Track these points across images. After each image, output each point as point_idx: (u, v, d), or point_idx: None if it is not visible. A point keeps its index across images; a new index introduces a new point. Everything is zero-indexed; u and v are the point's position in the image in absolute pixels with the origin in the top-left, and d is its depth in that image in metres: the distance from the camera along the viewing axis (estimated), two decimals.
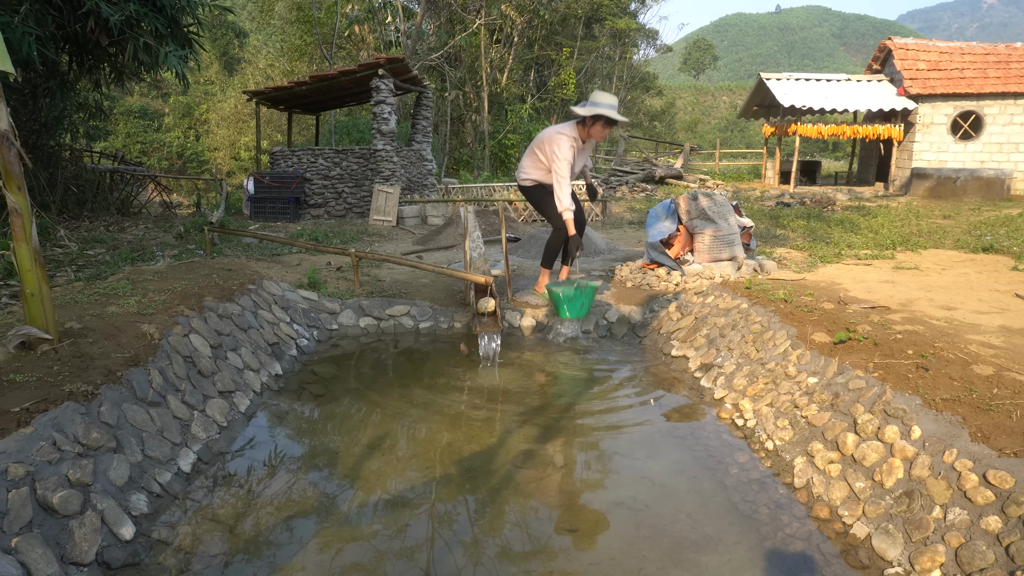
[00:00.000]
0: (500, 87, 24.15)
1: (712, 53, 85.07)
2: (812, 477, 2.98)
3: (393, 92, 11.67)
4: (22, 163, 3.00)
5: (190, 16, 8.95)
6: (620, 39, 30.14)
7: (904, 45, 18.11)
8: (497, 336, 4.71)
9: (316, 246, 6.39)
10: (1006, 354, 3.52)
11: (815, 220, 10.63)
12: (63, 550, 2.25)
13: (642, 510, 2.82)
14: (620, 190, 17.47)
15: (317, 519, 2.73)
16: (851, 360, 3.50)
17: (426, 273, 6.46)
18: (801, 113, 18.76)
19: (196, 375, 3.67)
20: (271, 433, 3.59)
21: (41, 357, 3.10)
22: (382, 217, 11.06)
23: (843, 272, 6.30)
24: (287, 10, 23.19)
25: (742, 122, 51.17)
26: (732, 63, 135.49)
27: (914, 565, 2.34)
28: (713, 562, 2.47)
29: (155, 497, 2.74)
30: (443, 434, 3.57)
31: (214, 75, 33.81)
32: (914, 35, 78.75)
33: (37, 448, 2.43)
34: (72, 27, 7.97)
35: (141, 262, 6.43)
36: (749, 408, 3.73)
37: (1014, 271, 6.35)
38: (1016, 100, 16.51)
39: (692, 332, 5.00)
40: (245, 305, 4.77)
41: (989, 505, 2.32)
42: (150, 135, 31.84)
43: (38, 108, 9.29)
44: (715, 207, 6.34)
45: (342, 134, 21.14)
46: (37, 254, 3.08)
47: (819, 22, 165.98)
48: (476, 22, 20.96)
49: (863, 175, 20.88)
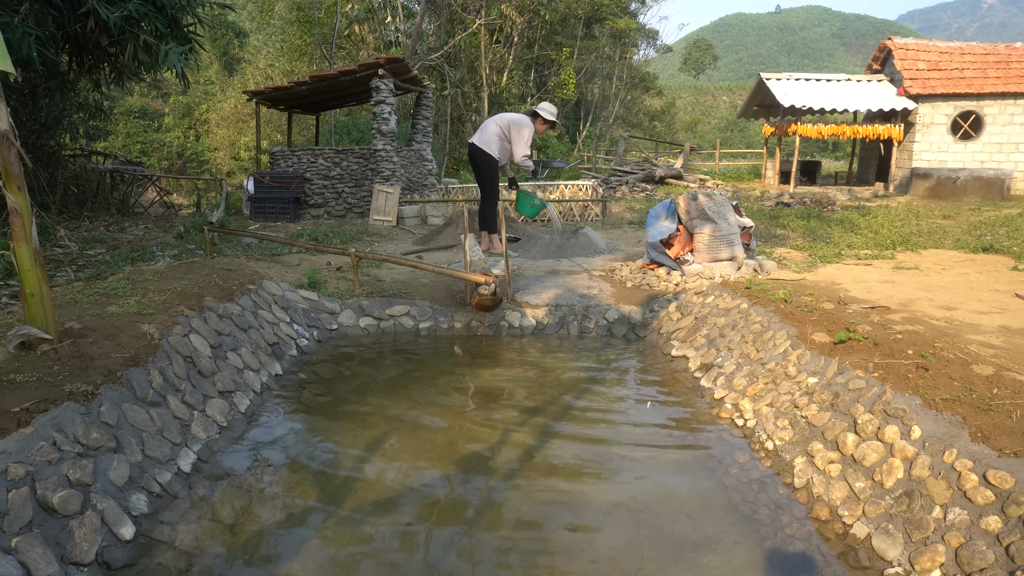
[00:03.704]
0: (500, 87, 24.14)
1: (712, 53, 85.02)
2: (812, 477, 2.98)
3: (393, 92, 11.67)
4: (22, 163, 3.00)
5: (190, 15, 8.95)
6: (620, 39, 30.13)
7: (904, 45, 18.10)
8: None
9: (316, 246, 6.39)
10: (1006, 354, 3.52)
11: (815, 220, 10.63)
12: (63, 550, 2.24)
13: (642, 510, 2.81)
14: (620, 190, 17.46)
15: (317, 519, 2.73)
16: (851, 360, 3.50)
17: (426, 273, 6.46)
18: (801, 113, 18.75)
19: (196, 375, 3.67)
20: (271, 433, 3.59)
21: (41, 357, 3.10)
22: (382, 217, 11.05)
23: (843, 272, 6.30)
24: (287, 10, 23.18)
25: (742, 122, 51.17)
26: (732, 63, 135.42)
27: (914, 565, 2.34)
28: (713, 562, 2.47)
29: (155, 497, 2.74)
30: (443, 434, 3.57)
31: (214, 75, 33.78)
32: (914, 35, 78.73)
33: (37, 448, 2.43)
34: (72, 27, 7.97)
35: (141, 262, 6.43)
36: (749, 408, 3.73)
37: (1014, 271, 6.35)
38: (1016, 100, 16.50)
39: (692, 332, 5.00)
40: (245, 305, 4.77)
41: (989, 505, 2.32)
42: (150, 135, 31.81)
43: (38, 108, 9.29)
44: (714, 206, 6.34)
45: (342, 134, 21.13)
46: (37, 254, 3.08)
47: (819, 22, 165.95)
48: (476, 22, 20.95)
49: (863, 175, 20.88)
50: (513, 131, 6.13)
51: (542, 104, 6.30)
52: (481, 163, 6.25)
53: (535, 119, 6.23)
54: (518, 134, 6.11)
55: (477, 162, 6.28)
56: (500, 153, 6.24)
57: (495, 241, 6.60)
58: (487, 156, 6.20)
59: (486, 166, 6.25)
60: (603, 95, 32.15)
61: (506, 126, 6.17)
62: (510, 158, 6.32)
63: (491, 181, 6.33)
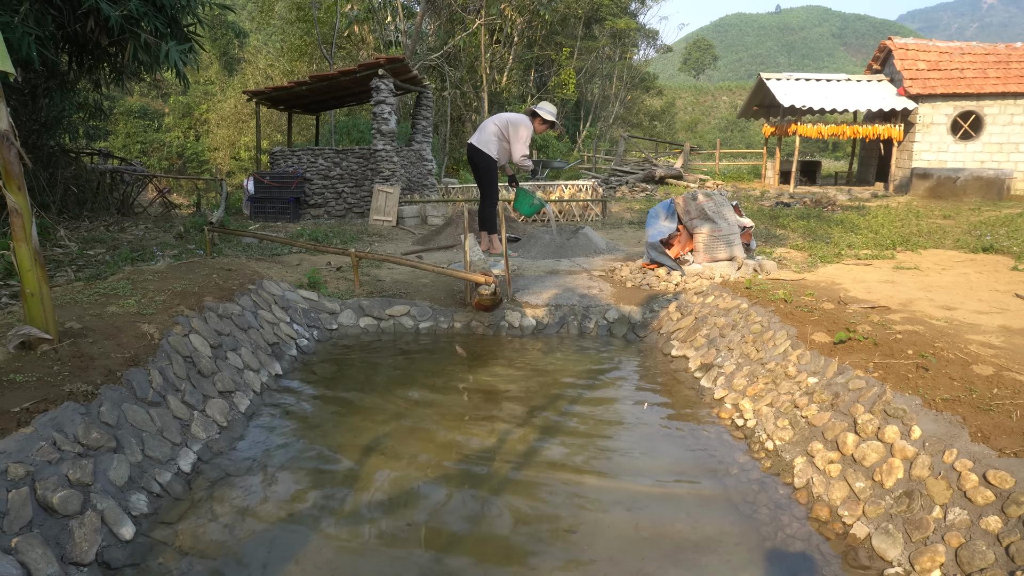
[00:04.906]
0: (500, 87, 24.14)
1: (712, 53, 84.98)
2: (812, 477, 2.98)
3: (393, 92, 11.67)
4: (22, 163, 3.00)
5: (190, 15, 8.95)
6: (620, 39, 30.13)
7: (904, 45, 18.10)
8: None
9: (316, 246, 6.39)
10: (1006, 354, 3.52)
11: (815, 220, 10.63)
12: (63, 550, 2.24)
13: (642, 510, 2.82)
14: (620, 190, 17.46)
15: (318, 518, 2.73)
16: (851, 360, 3.50)
17: (426, 273, 6.46)
18: (801, 113, 18.75)
19: (196, 375, 3.67)
20: (271, 433, 3.59)
21: (41, 357, 3.10)
22: (382, 217, 11.05)
23: (843, 272, 6.30)
24: (287, 10, 23.17)
25: (742, 122, 51.16)
26: (732, 63, 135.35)
27: (914, 565, 2.34)
28: (713, 562, 2.47)
29: (155, 497, 2.74)
30: (442, 434, 3.57)
31: (214, 75, 33.78)
32: (914, 35, 78.67)
33: (37, 448, 2.43)
34: (72, 27, 7.96)
35: (141, 262, 6.43)
36: (749, 408, 3.73)
37: (1014, 271, 6.35)
38: (1016, 100, 16.50)
39: (692, 332, 5.00)
40: (245, 305, 4.77)
41: (989, 505, 2.32)
42: (150, 135, 31.81)
43: (38, 108, 9.29)
44: (714, 206, 6.34)
45: (342, 134, 21.13)
46: (37, 254, 3.08)
47: (819, 22, 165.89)
48: (476, 22, 20.95)
49: (863, 175, 20.88)
50: (511, 131, 6.15)
51: (541, 104, 6.31)
52: (480, 163, 6.25)
53: (534, 119, 6.24)
54: (516, 134, 6.13)
55: (476, 162, 6.28)
56: (499, 153, 6.24)
57: (495, 241, 6.60)
58: (486, 156, 6.20)
59: (485, 166, 6.25)
60: (603, 95, 32.16)
61: (504, 126, 6.18)
62: (509, 158, 6.32)
63: (490, 181, 6.34)
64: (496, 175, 6.36)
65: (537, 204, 6.35)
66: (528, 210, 6.39)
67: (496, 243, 6.58)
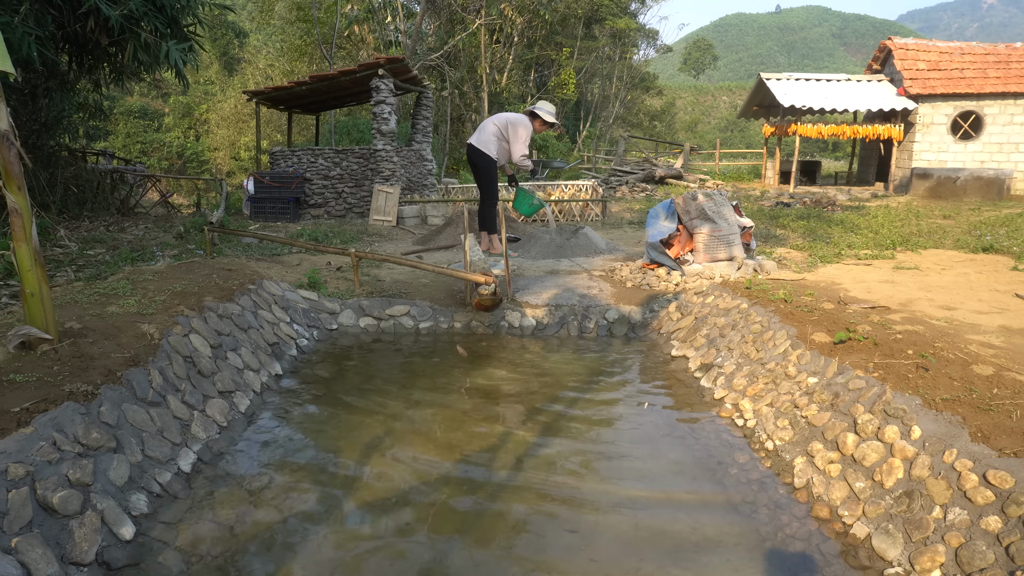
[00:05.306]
0: (500, 87, 24.14)
1: (712, 53, 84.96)
2: (812, 477, 2.98)
3: (393, 92, 11.67)
4: (22, 163, 3.00)
5: (190, 15, 8.95)
6: (620, 39, 30.14)
7: (904, 45, 18.10)
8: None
9: (316, 246, 6.39)
10: (1006, 354, 3.52)
11: (815, 220, 10.63)
12: (63, 550, 2.24)
13: (642, 510, 2.82)
14: (620, 190, 17.46)
15: (317, 519, 2.73)
16: (851, 360, 3.50)
17: (426, 273, 6.45)
18: (801, 113, 18.75)
19: (196, 375, 3.67)
20: (271, 433, 3.59)
21: (41, 357, 3.10)
22: (382, 217, 11.05)
23: (843, 272, 6.30)
24: (287, 10, 23.18)
25: (742, 122, 51.15)
26: (732, 63, 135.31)
27: (914, 565, 2.34)
28: (713, 562, 2.47)
29: (155, 497, 2.74)
30: (443, 434, 3.57)
31: (214, 75, 33.79)
32: (914, 35, 78.66)
33: (37, 448, 2.43)
34: (72, 27, 7.97)
35: (141, 262, 6.43)
36: (749, 408, 3.73)
37: (1014, 271, 6.35)
38: (1016, 100, 16.49)
39: (692, 332, 5.00)
40: (245, 305, 4.77)
41: (989, 505, 2.32)
42: (150, 135, 31.82)
43: (38, 108, 9.29)
44: (714, 206, 6.34)
45: (342, 134, 21.13)
46: (37, 254, 3.08)
47: (819, 22, 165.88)
48: (476, 22, 20.95)
49: (863, 175, 20.87)
50: (511, 131, 6.15)
51: (540, 104, 6.30)
52: (479, 164, 6.25)
53: (534, 119, 6.24)
54: (516, 134, 6.14)
55: (476, 163, 6.27)
56: (498, 153, 6.24)
57: (495, 241, 6.60)
58: (485, 157, 6.19)
59: (484, 167, 6.26)
60: (603, 95, 32.16)
61: (504, 126, 6.18)
62: (509, 158, 6.32)
63: (490, 181, 6.34)
64: (496, 175, 6.36)
65: (537, 204, 6.35)
66: (528, 210, 6.39)
67: (496, 243, 6.57)
